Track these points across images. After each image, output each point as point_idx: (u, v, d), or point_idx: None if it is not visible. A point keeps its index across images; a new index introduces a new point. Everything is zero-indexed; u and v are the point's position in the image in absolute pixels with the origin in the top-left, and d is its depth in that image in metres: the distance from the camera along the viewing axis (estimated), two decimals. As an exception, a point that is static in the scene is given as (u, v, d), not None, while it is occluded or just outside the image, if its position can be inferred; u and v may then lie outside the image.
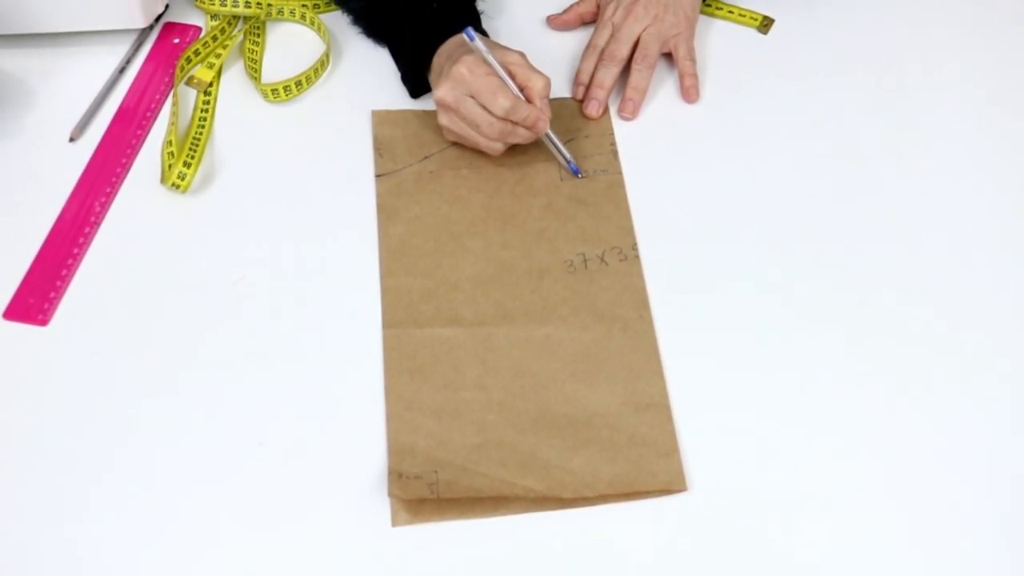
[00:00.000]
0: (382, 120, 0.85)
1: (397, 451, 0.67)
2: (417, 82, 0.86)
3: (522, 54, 0.80)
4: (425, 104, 0.86)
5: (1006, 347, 0.75)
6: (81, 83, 0.86)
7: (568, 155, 0.82)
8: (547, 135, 0.81)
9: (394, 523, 0.65)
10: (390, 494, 0.65)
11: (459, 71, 0.76)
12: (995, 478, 0.69)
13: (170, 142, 0.81)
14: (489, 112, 0.77)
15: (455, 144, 0.84)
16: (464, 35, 0.78)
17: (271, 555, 0.64)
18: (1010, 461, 0.70)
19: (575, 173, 0.82)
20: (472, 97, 0.76)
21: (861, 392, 0.72)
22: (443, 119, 0.80)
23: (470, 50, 0.78)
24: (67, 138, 0.83)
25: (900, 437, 0.70)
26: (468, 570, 0.64)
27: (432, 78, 0.82)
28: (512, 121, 0.78)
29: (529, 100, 0.78)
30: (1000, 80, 0.92)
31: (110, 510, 0.65)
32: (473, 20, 0.85)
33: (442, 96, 0.78)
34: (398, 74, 0.88)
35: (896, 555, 0.65)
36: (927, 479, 0.68)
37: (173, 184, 0.79)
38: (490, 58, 0.77)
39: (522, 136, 0.80)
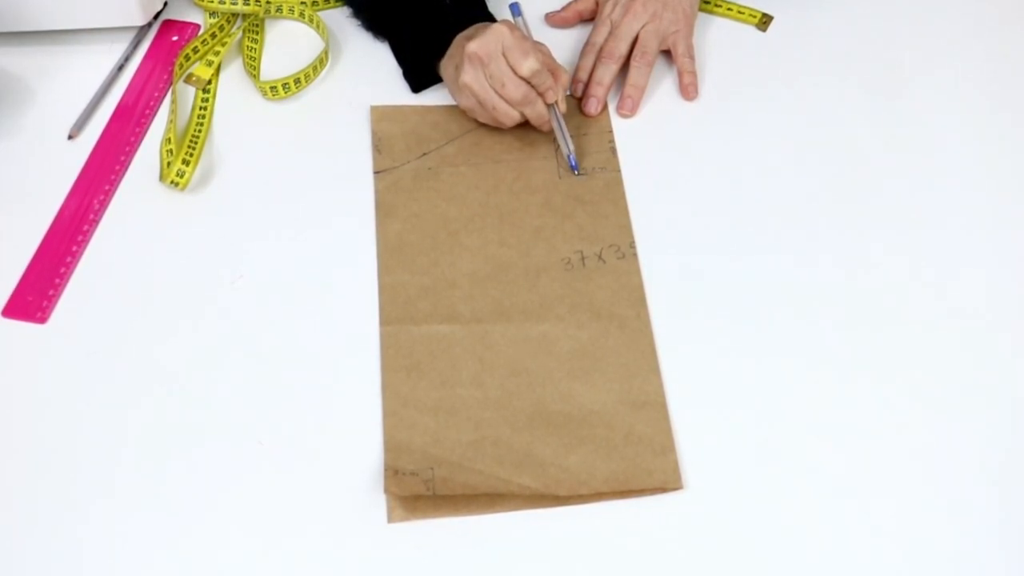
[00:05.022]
0: (381, 116, 0.85)
1: (393, 448, 0.67)
2: (420, 76, 0.86)
3: (548, 48, 0.82)
4: (424, 100, 0.87)
5: (1006, 345, 0.75)
6: (80, 81, 0.86)
7: (572, 147, 0.82)
8: (558, 122, 0.82)
9: (390, 520, 0.65)
10: (386, 491, 0.65)
11: (500, 28, 0.78)
12: (995, 476, 0.69)
13: (169, 139, 0.82)
14: (514, 72, 0.78)
15: (454, 140, 0.84)
16: (509, 9, 0.81)
17: (269, 552, 0.64)
18: (1010, 460, 0.69)
19: (573, 169, 0.82)
20: (503, 56, 0.78)
21: (859, 391, 0.72)
22: (467, 75, 0.79)
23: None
24: (66, 136, 0.83)
25: (898, 435, 0.70)
26: (463, 567, 0.64)
27: (445, 63, 0.83)
28: (534, 87, 0.79)
29: None
30: (998, 78, 0.92)
31: (108, 508, 0.65)
32: (487, 14, 0.86)
33: (476, 49, 0.78)
34: (397, 71, 0.88)
35: (894, 553, 0.65)
36: (925, 477, 0.68)
37: (172, 182, 0.79)
38: (528, 34, 0.81)
39: (537, 113, 0.81)
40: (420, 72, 0.86)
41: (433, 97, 0.87)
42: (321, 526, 0.65)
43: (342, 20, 0.92)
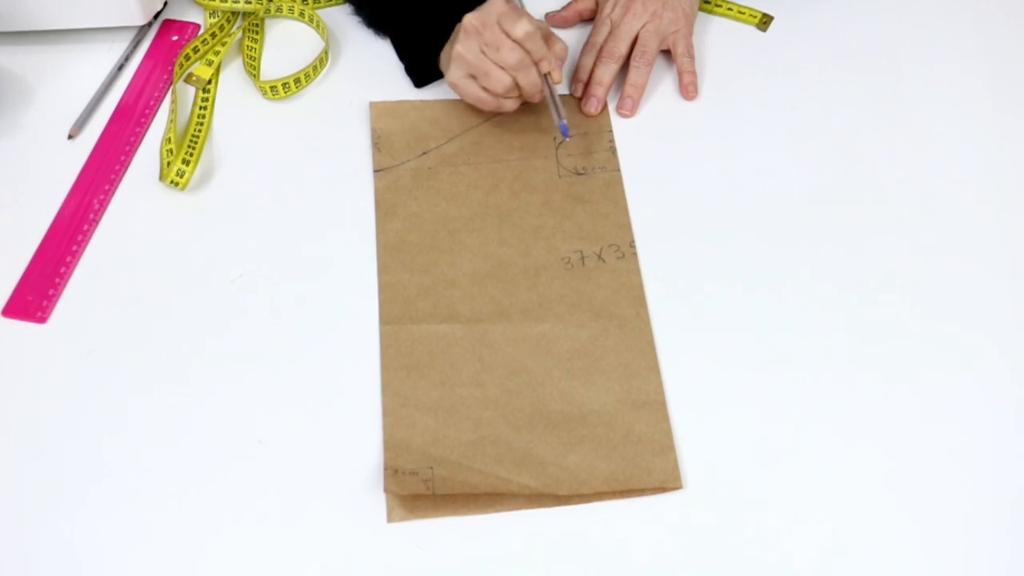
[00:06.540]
0: (380, 113, 0.85)
1: (393, 447, 0.68)
2: (422, 71, 0.86)
3: (545, 24, 0.84)
4: (424, 95, 0.87)
5: (1005, 344, 0.75)
6: (80, 80, 0.86)
7: (563, 115, 0.81)
8: (550, 91, 0.81)
9: (390, 519, 0.65)
10: (386, 490, 0.65)
11: (495, 0, 0.78)
12: (994, 475, 0.69)
13: (169, 139, 0.82)
14: (508, 36, 0.78)
15: (454, 139, 0.84)
16: None
17: (268, 551, 0.64)
18: (1010, 459, 0.69)
19: (564, 135, 0.81)
20: (498, 23, 0.78)
21: (858, 389, 0.72)
22: (461, 46, 0.79)
23: None
24: (66, 135, 0.83)
25: (897, 434, 0.70)
26: (463, 566, 0.64)
27: (444, 52, 0.83)
28: (528, 52, 0.79)
29: None
30: (997, 77, 0.92)
31: (108, 507, 0.65)
32: None
33: (471, 20, 0.78)
34: (397, 70, 0.88)
35: (894, 553, 0.65)
36: (925, 476, 0.68)
37: (172, 181, 0.79)
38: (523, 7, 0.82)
39: (530, 81, 0.79)
40: (422, 67, 0.86)
41: (434, 92, 0.87)
42: (321, 525, 0.65)
43: (342, 19, 0.92)
